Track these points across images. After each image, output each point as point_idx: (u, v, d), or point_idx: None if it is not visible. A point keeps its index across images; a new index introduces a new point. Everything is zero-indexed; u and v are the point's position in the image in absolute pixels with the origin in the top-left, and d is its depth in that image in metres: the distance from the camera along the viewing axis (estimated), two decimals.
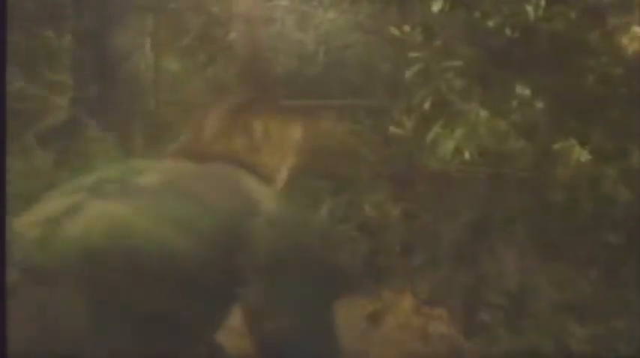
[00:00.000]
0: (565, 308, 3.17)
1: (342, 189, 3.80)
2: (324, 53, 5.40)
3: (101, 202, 1.53)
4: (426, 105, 3.40)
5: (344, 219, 3.73)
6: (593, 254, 3.34)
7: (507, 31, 3.55)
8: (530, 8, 3.49)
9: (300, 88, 5.28)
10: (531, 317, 3.14)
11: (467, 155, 3.35)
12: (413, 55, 3.50)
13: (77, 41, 5.18)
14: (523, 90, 3.38)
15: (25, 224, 1.52)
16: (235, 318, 1.58)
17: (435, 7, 3.68)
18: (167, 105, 5.63)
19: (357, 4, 5.57)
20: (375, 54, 5.39)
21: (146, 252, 1.46)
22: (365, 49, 5.35)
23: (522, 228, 3.41)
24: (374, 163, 4.32)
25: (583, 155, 3.31)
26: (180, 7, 6.03)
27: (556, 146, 3.36)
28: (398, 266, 3.60)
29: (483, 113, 3.47)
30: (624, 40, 3.64)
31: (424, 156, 3.42)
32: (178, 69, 5.89)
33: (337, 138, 4.84)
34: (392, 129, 3.72)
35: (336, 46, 5.38)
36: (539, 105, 3.40)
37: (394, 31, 3.49)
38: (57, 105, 5.19)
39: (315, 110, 5.55)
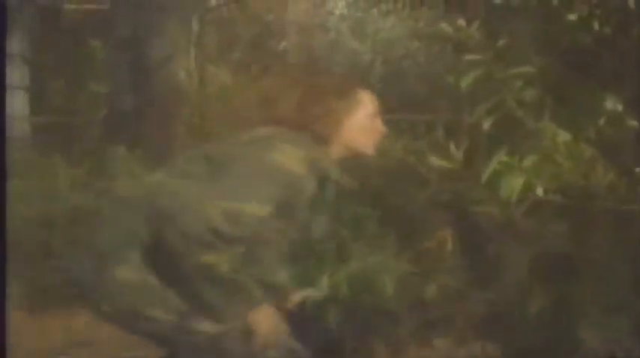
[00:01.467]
0: None
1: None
2: (381, 63, 5.04)
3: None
4: (486, 125, 2.75)
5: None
6: None
7: (595, 26, 2.87)
8: None
9: None
10: None
11: (540, 191, 2.59)
12: (470, 57, 2.83)
13: (113, 49, 4.82)
14: (615, 105, 2.71)
15: None
16: None
17: None
18: (213, 120, 5.14)
19: (417, 9, 5.09)
20: (438, 63, 4.92)
21: None
22: (426, 58, 4.96)
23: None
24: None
25: None
26: (231, 15, 5.63)
27: None
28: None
29: (563, 135, 2.73)
30: None
31: (477, 197, 2.72)
32: (227, 80, 5.41)
33: (394, 156, 4.56)
34: (433, 159, 2.92)
35: (395, 55, 5.02)
36: (633, 123, 2.73)
37: (445, 27, 2.86)
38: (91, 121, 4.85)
39: None
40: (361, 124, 2.22)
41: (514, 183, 2.60)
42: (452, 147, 2.78)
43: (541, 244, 2.57)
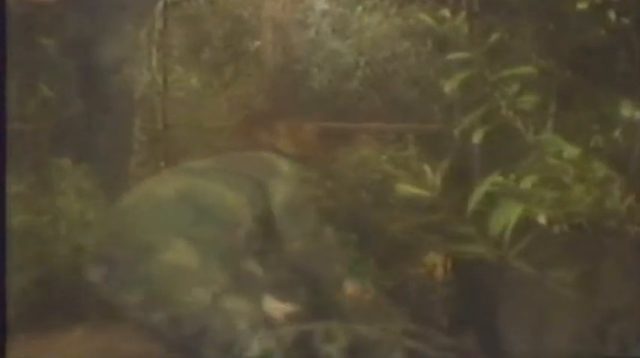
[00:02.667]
0: None
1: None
2: (365, 64, 4.62)
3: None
4: (476, 138, 2.15)
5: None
6: None
7: (610, 16, 2.25)
8: None
9: (336, 106, 4.58)
10: None
11: (542, 219, 1.98)
12: (455, 56, 2.22)
13: (63, 49, 4.26)
14: (632, 113, 2.10)
15: None
16: None
17: None
18: (177, 128, 4.68)
19: (407, 6, 4.54)
20: (428, 65, 4.29)
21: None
22: (416, 60, 4.53)
23: None
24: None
25: None
26: (199, 11, 5.05)
27: None
28: None
29: (570, 150, 2.14)
30: None
31: (462, 233, 2.11)
32: (194, 84, 4.92)
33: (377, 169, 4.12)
34: (400, 187, 2.50)
35: (381, 56, 4.61)
36: None
37: (426, 18, 2.27)
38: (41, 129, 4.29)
39: (352, 134, 4.51)
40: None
41: (509, 213, 2.00)
42: (427, 169, 2.17)
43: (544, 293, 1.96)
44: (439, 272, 3.54)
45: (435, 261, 3.59)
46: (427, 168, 2.41)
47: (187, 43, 5.03)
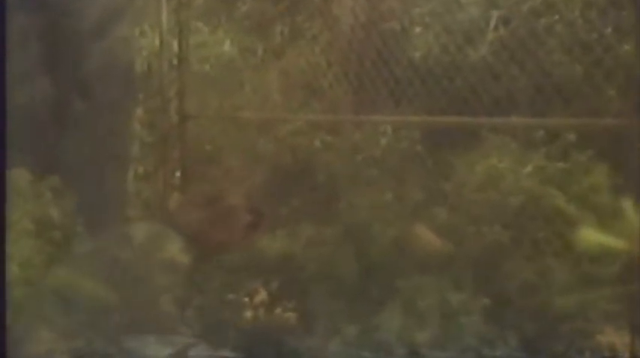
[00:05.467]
0: None
1: None
2: (500, 22, 3.21)
3: None
4: None
5: None
6: None
7: None
8: None
9: (451, 88, 3.23)
10: None
11: None
12: None
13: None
14: None
15: None
16: None
17: None
18: (200, 120, 3.38)
19: None
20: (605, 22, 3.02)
21: None
22: (582, 15, 3.12)
23: None
24: None
25: None
26: None
27: None
28: None
29: None
30: None
31: None
32: (227, 51, 3.50)
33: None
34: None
35: (527, 7, 3.17)
36: None
37: None
38: None
39: (476, 132, 3.23)
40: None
41: None
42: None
43: None
44: None
45: (614, 341, 2.71)
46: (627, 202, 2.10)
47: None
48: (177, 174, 3.33)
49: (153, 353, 2.27)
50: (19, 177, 2.74)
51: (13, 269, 2.55)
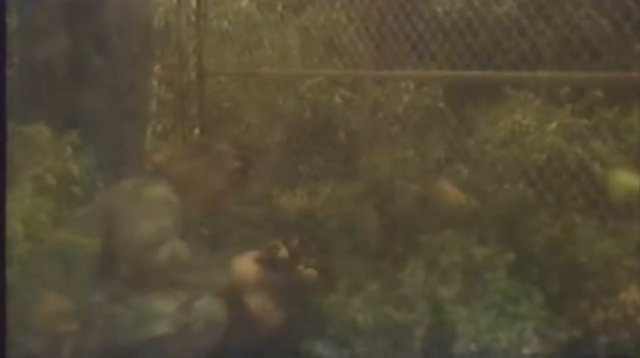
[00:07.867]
0: None
1: None
2: None
3: None
4: None
5: None
6: None
7: None
8: None
9: (474, 42, 3.12)
10: None
11: None
12: None
13: None
14: None
15: None
16: None
17: None
18: (218, 78, 3.30)
19: None
20: None
21: None
22: None
23: None
24: None
25: None
26: None
27: None
28: None
29: None
30: None
31: None
32: (246, 6, 3.42)
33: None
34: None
35: None
36: None
37: None
38: None
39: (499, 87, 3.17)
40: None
41: None
42: None
43: None
44: None
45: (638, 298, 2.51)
46: None
47: None
48: (196, 131, 3.25)
49: (159, 308, 2.15)
50: (38, 132, 2.66)
51: (17, 227, 2.46)
